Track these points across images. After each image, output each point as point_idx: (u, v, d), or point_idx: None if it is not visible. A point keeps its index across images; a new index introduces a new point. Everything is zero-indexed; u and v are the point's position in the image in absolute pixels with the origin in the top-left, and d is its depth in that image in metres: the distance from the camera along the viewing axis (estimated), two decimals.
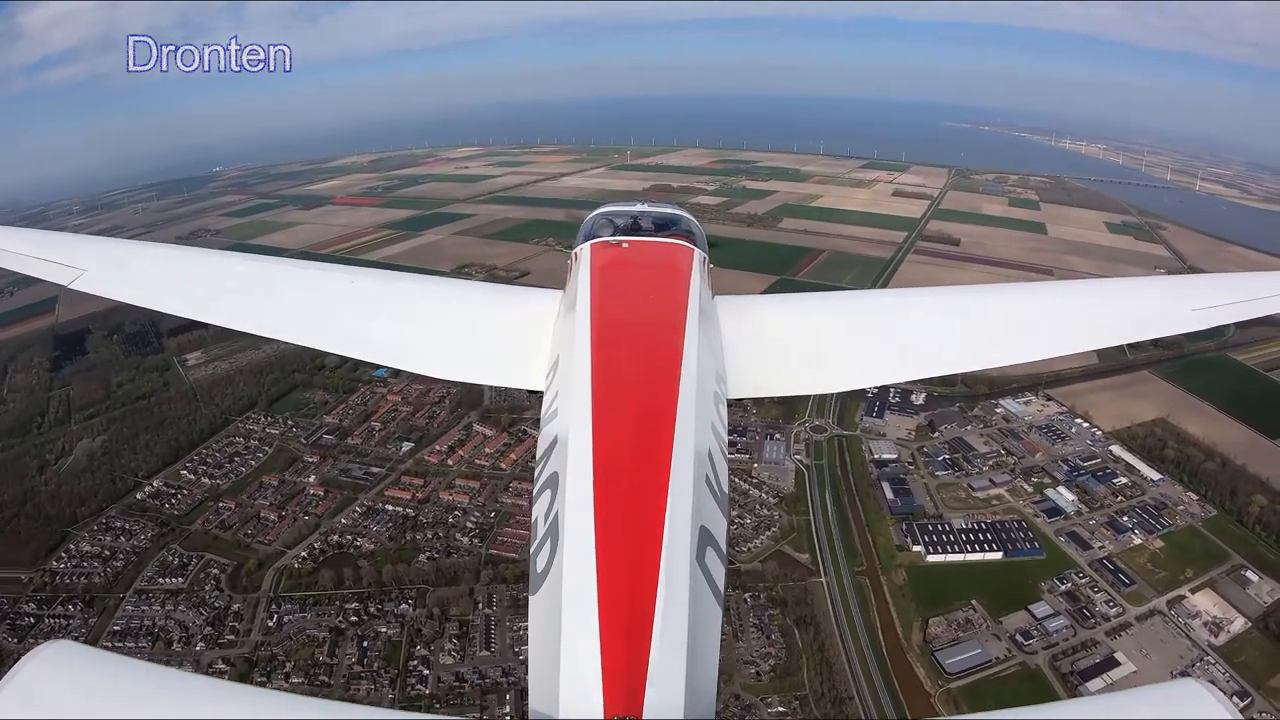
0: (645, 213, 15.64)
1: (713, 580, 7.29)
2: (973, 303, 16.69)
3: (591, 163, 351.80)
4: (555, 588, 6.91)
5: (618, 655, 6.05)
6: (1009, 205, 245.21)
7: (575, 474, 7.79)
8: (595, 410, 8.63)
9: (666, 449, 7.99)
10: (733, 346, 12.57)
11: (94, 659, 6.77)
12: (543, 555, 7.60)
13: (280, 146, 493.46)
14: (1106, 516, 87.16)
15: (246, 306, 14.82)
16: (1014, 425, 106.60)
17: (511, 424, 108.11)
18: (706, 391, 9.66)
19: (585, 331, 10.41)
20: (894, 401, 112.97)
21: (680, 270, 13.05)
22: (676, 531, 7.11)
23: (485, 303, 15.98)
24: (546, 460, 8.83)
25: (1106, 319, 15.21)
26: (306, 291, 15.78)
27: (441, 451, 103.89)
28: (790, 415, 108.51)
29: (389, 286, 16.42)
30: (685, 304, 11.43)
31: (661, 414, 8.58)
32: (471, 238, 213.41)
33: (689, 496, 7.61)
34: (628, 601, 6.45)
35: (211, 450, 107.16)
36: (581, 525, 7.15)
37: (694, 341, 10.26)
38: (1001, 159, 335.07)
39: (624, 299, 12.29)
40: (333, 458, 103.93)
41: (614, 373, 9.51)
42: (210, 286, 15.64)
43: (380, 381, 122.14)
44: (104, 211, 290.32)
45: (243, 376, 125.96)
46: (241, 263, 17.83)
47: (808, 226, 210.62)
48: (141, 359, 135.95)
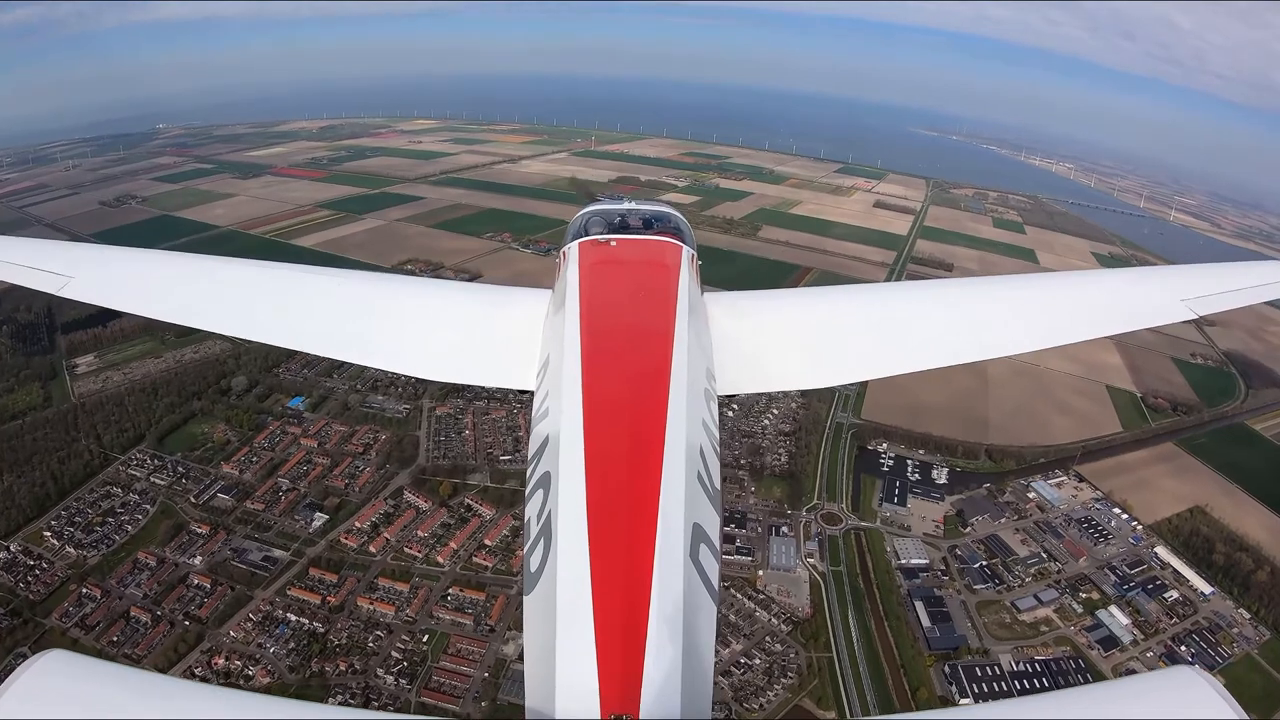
0: (633, 210, 15.18)
1: (706, 577, 7.15)
2: (961, 296, 16.36)
3: (553, 146, 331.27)
4: (549, 588, 6.71)
5: (614, 654, 5.93)
6: (994, 226, 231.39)
7: (567, 473, 7.60)
8: (586, 409, 8.44)
9: (658, 446, 7.85)
10: (722, 343, 12.35)
11: (89, 668, 6.45)
12: (536, 555, 7.36)
13: (229, 106, 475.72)
14: (1162, 645, 75.35)
15: (233, 311, 14.32)
16: (1050, 516, 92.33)
17: (453, 494, 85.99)
18: (697, 388, 9.50)
19: (575, 330, 10.21)
20: (914, 480, 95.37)
21: (669, 267, 12.76)
22: (670, 528, 6.99)
23: (474, 303, 15.59)
24: (538, 460, 8.70)
25: (1098, 310, 14.94)
26: (294, 294, 14.99)
27: (362, 531, 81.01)
28: (796, 497, 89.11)
29: (377, 288, 16.14)
30: (674, 301, 11.19)
31: (652, 411, 8.42)
32: (417, 225, 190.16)
33: (681, 493, 7.43)
34: (622, 600, 6.34)
35: (84, 502, 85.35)
36: (574, 524, 7.00)
37: (684, 338, 10.07)
38: (977, 173, 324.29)
39: (613, 297, 11.98)
40: (226, 529, 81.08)
41: (604, 371, 9.33)
42: (197, 292, 14.95)
43: (294, 418, 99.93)
44: (35, 166, 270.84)
45: (133, 397, 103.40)
46: (228, 267, 16.34)
47: (789, 237, 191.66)
48: (27, 359, 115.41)
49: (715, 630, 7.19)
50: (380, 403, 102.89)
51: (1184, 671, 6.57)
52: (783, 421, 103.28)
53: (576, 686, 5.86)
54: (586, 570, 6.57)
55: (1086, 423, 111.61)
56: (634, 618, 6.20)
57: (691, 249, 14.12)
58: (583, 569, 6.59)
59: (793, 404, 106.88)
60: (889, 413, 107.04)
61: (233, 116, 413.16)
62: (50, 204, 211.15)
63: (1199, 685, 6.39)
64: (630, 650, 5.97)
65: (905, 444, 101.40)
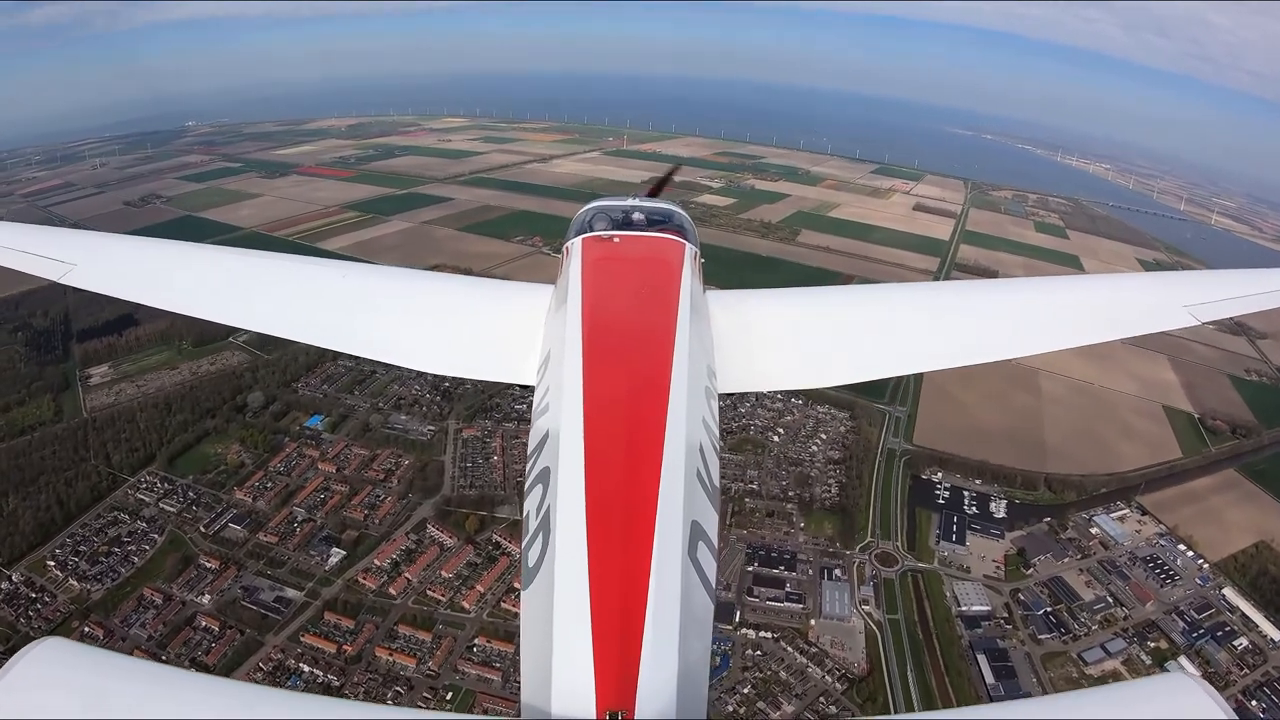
0: (637, 207, 14.45)
1: (704, 574, 7.08)
2: (964, 298, 16.44)
3: (584, 145, 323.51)
4: (547, 583, 6.60)
5: (610, 651, 5.85)
6: (1036, 231, 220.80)
7: (566, 469, 7.47)
8: (586, 405, 8.27)
9: (658, 443, 7.72)
10: (724, 341, 12.08)
11: (88, 656, 6.33)
12: (534, 550, 7.22)
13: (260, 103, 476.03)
14: (1234, 700, 68.56)
15: (237, 300, 14.07)
16: (1114, 555, 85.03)
17: (479, 529, 78.77)
18: (698, 386, 9.35)
19: (576, 326, 9.94)
20: (972, 514, 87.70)
21: (671, 265, 12.38)
22: (668, 526, 6.88)
23: (477, 297, 15.16)
24: (538, 455, 8.51)
25: (1100, 315, 14.63)
26: (297, 286, 14.64)
27: (382, 570, 74.08)
28: (848, 535, 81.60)
29: (380, 281, 15.83)
30: (676, 298, 10.99)
31: (652, 408, 8.28)
32: (445, 229, 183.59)
33: (680, 491, 7.31)
34: (620, 596, 6.25)
35: (90, 528, 79.66)
36: (573, 520, 6.89)
37: (685, 336, 9.88)
38: (1014, 175, 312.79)
39: (615, 294, 11.75)
40: (238, 564, 74.74)
41: (605, 367, 9.11)
42: (200, 281, 14.62)
43: (312, 439, 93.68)
44: (63, 164, 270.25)
45: (146, 413, 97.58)
46: (232, 257, 16.42)
47: (829, 242, 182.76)
48: (41, 369, 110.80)
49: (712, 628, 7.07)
50: (403, 423, 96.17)
51: (1178, 677, 6.52)
52: (831, 447, 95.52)
53: (572, 682, 5.71)
54: (584, 566, 6.39)
55: (1145, 447, 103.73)
56: (631, 614, 6.05)
57: (695, 246, 13.70)
58: (580, 564, 6.41)
59: (841, 428, 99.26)
60: (942, 436, 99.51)
61: (263, 114, 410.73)
62: (75, 203, 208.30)
63: (1193, 691, 6.28)
64: (627, 647, 5.82)
65: (960, 472, 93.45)
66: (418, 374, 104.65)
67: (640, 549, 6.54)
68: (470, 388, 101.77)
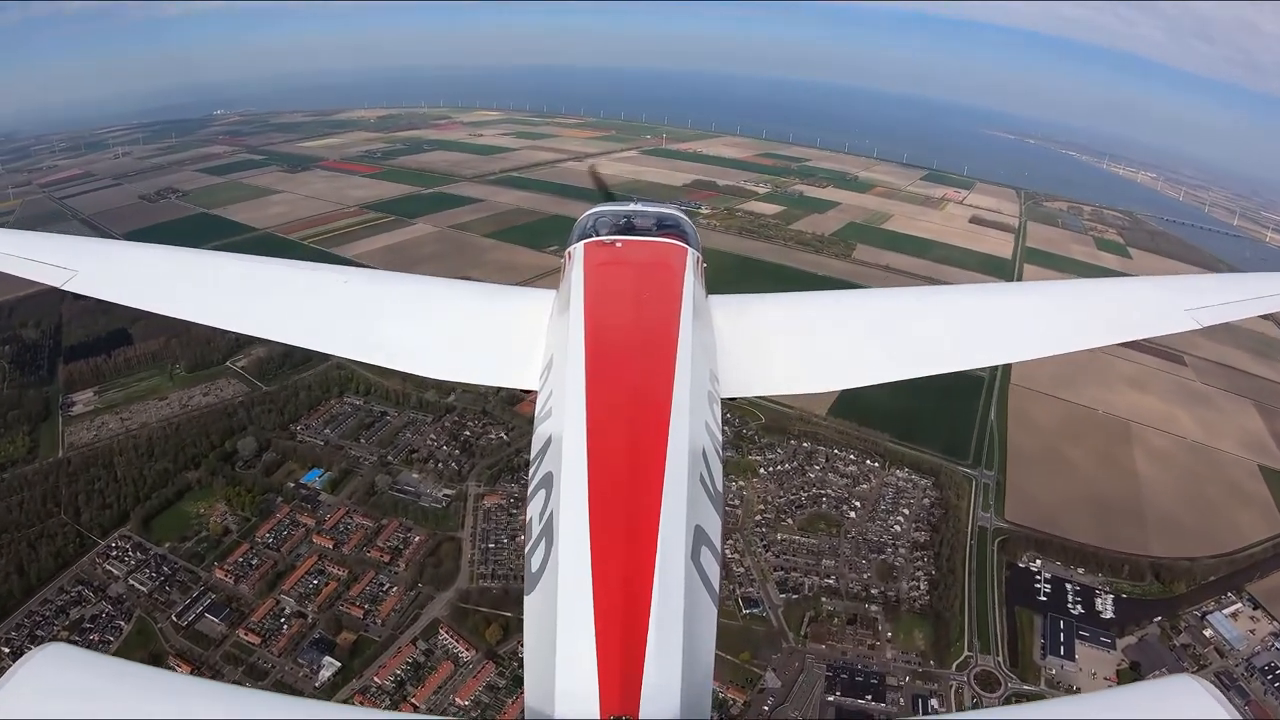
0: (639, 212, 14.45)
1: (708, 579, 6.87)
2: (967, 302, 15.71)
3: (621, 143, 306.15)
4: (550, 588, 6.39)
5: (613, 655, 5.71)
6: (1097, 248, 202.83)
7: (570, 473, 7.23)
8: (589, 410, 7.99)
9: (661, 448, 7.47)
10: (727, 345, 11.71)
11: (90, 662, 6.22)
12: (537, 555, 7.02)
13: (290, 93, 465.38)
14: None
15: (239, 307, 13.33)
16: (1230, 664, 70.63)
17: (502, 638, 63.22)
18: (700, 390, 8.98)
19: (579, 331, 9.67)
20: (1077, 615, 72.30)
21: (674, 269, 12.05)
22: (671, 530, 6.67)
23: (479, 302, 14.28)
24: (541, 460, 8.24)
25: (1101, 318, 14.15)
26: (300, 292, 14.09)
27: (384, 691, 59.09)
28: (943, 647, 66.27)
29: (383, 287, 15.20)
30: (679, 303, 10.67)
31: (655, 413, 7.98)
32: (470, 234, 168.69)
33: (683, 495, 7.07)
34: (623, 601, 6.06)
35: (52, 606, 67.64)
36: (576, 524, 6.66)
37: (688, 340, 9.60)
38: (1064, 184, 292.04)
39: (617, 298, 11.32)
40: (212, 669, 60.15)
41: (608, 372, 8.81)
42: (203, 287, 14.11)
43: (308, 501, 79.28)
44: (87, 152, 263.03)
45: (125, 457, 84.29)
46: (235, 263, 15.38)
47: (888, 259, 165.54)
48: (21, 393, 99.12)
49: (715, 633, 6.79)
50: (415, 485, 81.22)
51: (1184, 679, 6.29)
52: (916, 525, 79.63)
53: (576, 687, 5.59)
54: (587, 570, 6.22)
55: (1247, 517, 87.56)
56: (634, 619, 5.90)
57: (697, 251, 13.10)
58: (584, 569, 6.24)
59: (925, 499, 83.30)
60: (1036, 510, 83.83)
61: (292, 103, 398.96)
62: (89, 196, 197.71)
63: (1199, 693, 6.10)
64: (630, 651, 5.68)
65: (1059, 557, 77.58)
66: (433, 420, 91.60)
67: (643, 553, 6.31)
68: (494, 439, 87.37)
